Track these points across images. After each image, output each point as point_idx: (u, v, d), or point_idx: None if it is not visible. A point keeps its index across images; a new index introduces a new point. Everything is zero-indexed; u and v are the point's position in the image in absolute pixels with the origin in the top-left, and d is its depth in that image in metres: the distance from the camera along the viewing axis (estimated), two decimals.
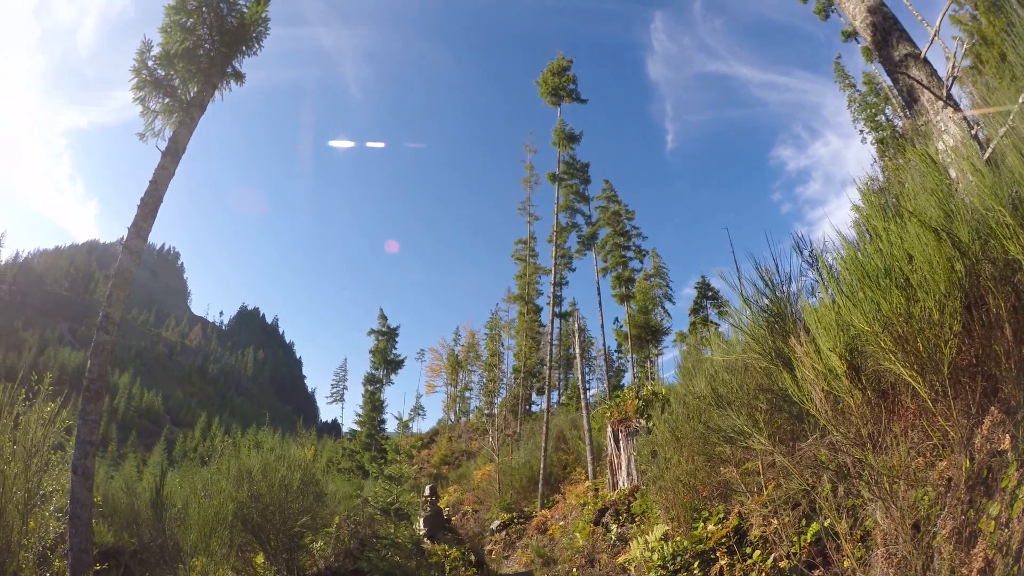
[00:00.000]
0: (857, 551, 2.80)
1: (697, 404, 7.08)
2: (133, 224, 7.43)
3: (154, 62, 8.18)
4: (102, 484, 9.12)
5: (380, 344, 33.82)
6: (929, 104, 4.75)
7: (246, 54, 8.78)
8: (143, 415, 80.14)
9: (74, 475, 6.22)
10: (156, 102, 8.31)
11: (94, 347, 6.83)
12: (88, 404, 6.47)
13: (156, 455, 32.07)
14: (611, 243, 28.47)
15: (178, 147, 7.98)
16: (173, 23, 8.14)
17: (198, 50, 8.32)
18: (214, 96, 8.62)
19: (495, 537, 14.88)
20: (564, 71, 25.34)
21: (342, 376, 77.49)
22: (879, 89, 25.76)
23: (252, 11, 8.49)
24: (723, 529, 5.31)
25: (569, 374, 43.61)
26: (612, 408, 12.65)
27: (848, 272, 4.14)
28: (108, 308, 7.02)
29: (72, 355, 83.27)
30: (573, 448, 20.56)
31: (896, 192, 3.55)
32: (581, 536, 10.22)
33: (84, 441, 6.36)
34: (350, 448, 30.85)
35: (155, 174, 7.73)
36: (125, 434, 60.70)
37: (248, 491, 8.69)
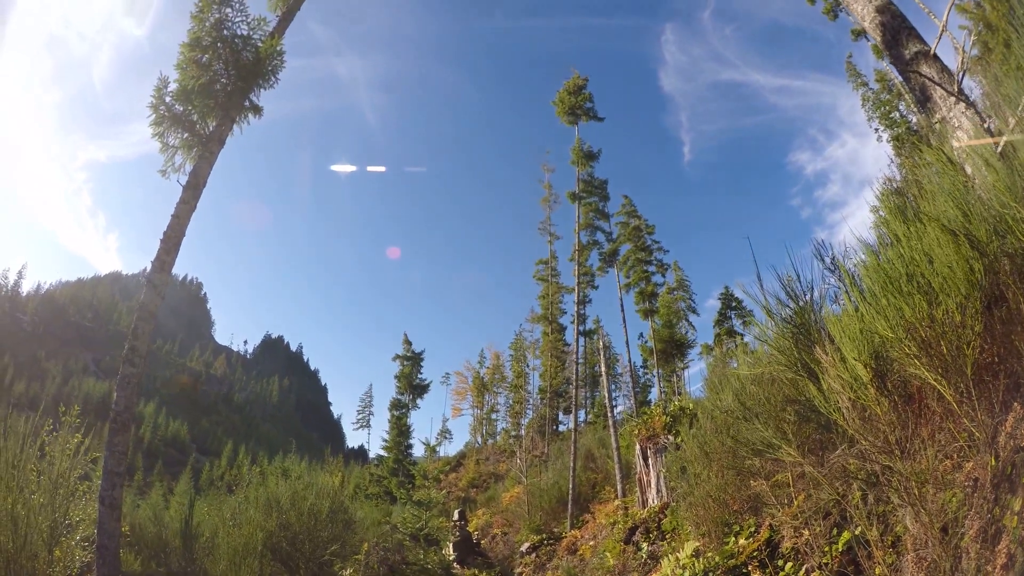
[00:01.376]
0: (888, 557, 2.76)
1: (725, 418, 7.01)
2: (156, 258, 7.53)
3: (171, 98, 8.30)
4: (129, 513, 9.16)
5: (405, 369, 33.93)
6: (942, 100, 4.73)
7: (263, 87, 8.85)
8: (169, 444, 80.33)
9: (101, 505, 6.24)
10: (175, 137, 8.42)
11: (121, 379, 6.88)
12: (115, 436, 6.51)
13: (182, 484, 32.27)
14: (633, 259, 28.39)
15: (198, 181, 8.08)
16: (188, 59, 8.26)
17: (215, 85, 8.41)
18: (232, 129, 8.71)
19: (525, 560, 14.75)
20: (580, 89, 25.52)
21: (368, 402, 77.75)
22: (891, 85, 25.52)
23: (267, 45, 8.58)
24: (754, 543, 5.24)
25: (595, 392, 43.31)
26: (640, 425, 12.55)
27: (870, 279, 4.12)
28: (134, 341, 7.09)
29: (96, 385, 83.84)
30: (601, 467, 20.38)
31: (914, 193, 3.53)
32: (611, 555, 10.11)
33: (111, 472, 6.39)
34: (377, 474, 30.86)
35: (177, 208, 7.82)
36: (151, 463, 60.83)
37: (277, 520, 8.69)
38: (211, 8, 8.34)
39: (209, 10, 8.34)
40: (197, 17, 8.33)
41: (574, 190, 25.22)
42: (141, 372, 7.11)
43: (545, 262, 35.72)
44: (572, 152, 25.61)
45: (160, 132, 8.33)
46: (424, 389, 34.35)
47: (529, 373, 47.23)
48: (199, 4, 8.35)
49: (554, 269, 35.78)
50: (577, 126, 25.61)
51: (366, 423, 75.57)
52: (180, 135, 8.41)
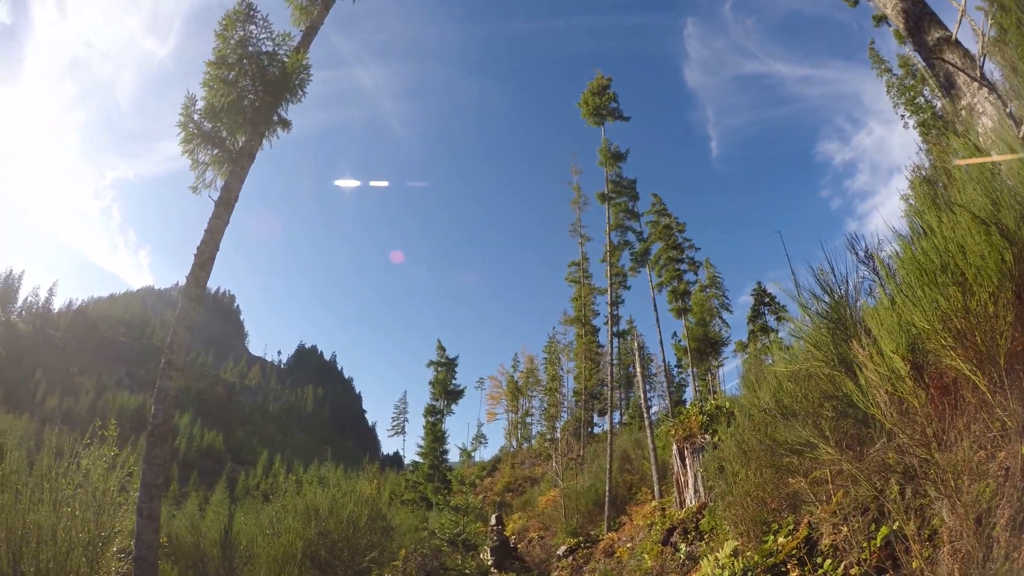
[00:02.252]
0: (925, 551, 2.72)
1: (763, 416, 6.95)
2: (191, 273, 7.59)
3: (200, 115, 8.36)
4: (165, 523, 9.19)
5: (439, 375, 34.16)
6: (965, 86, 4.65)
7: (291, 101, 8.87)
8: (204, 455, 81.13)
9: (139, 517, 6.21)
10: (205, 154, 8.47)
11: (157, 393, 6.93)
12: (153, 448, 6.52)
13: (218, 493, 32.76)
14: (664, 257, 28.19)
15: (230, 196, 8.12)
16: (215, 77, 8.31)
17: (242, 101, 8.45)
18: (262, 144, 8.76)
19: (562, 563, 14.72)
20: (604, 90, 25.44)
21: (402, 408, 78.40)
22: (915, 70, 24.90)
23: (292, 60, 8.63)
24: (793, 541, 5.18)
25: (630, 393, 43.07)
26: (676, 425, 12.46)
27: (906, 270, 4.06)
28: (170, 355, 7.11)
29: (131, 398, 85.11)
30: (638, 468, 20.26)
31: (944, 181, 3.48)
32: (649, 557, 10.04)
33: (149, 484, 6.38)
34: (413, 480, 31.11)
35: (209, 224, 7.87)
36: (187, 473, 61.27)
37: (316, 528, 8.74)
38: (235, 26, 8.39)
39: (233, 28, 8.39)
40: (221, 35, 8.39)
41: (603, 191, 25.13)
42: (178, 385, 7.15)
43: (577, 264, 35.70)
44: (599, 153, 25.52)
45: (190, 149, 8.42)
46: (459, 394, 34.55)
47: (563, 376, 47.18)
48: (223, 22, 8.41)
49: (586, 271, 35.75)
50: (603, 127, 25.52)
51: (401, 430, 76.24)
52: (210, 152, 8.49)
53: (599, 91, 25.45)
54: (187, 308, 7.46)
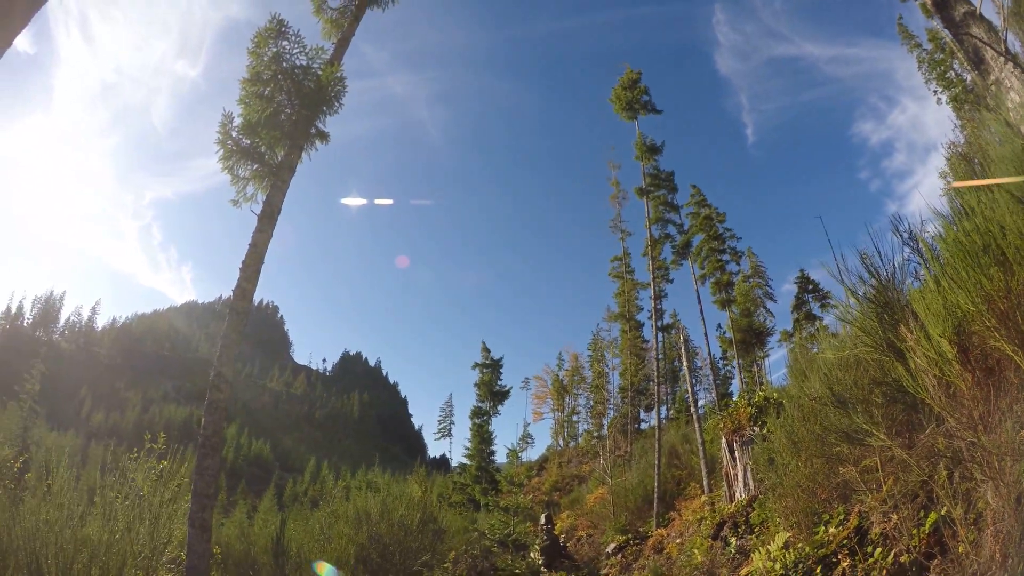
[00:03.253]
0: (970, 534, 2.67)
1: (812, 405, 6.85)
2: (237, 286, 7.66)
3: (237, 132, 8.45)
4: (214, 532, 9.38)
5: (485, 377, 34.49)
6: (993, 61, 4.51)
7: (327, 113, 8.91)
8: (252, 463, 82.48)
9: (191, 528, 6.24)
10: (245, 169, 8.57)
11: (208, 405, 7.01)
12: (204, 459, 6.57)
13: (266, 501, 33.46)
14: (706, 249, 27.85)
15: (273, 209, 8.19)
16: (250, 94, 8.40)
17: (279, 116, 8.53)
18: (301, 157, 8.82)
19: (611, 560, 14.67)
20: (635, 84, 25.26)
21: (448, 411, 78.91)
22: (943, 44, 24.01)
23: (327, 72, 8.70)
24: (844, 531, 5.10)
25: (675, 387, 42.64)
26: (725, 418, 12.32)
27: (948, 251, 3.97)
28: (219, 367, 7.17)
29: (177, 411, 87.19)
30: (686, 463, 20.05)
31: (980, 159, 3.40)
32: (699, 552, 9.96)
33: (201, 495, 6.43)
34: (460, 482, 31.42)
35: (254, 237, 7.93)
36: (235, 482, 61.32)
37: (367, 533, 8.84)
38: (267, 43, 8.48)
39: (266, 45, 8.48)
40: (254, 52, 8.49)
41: (641, 185, 24.97)
42: (227, 396, 7.22)
43: (619, 259, 35.52)
44: (635, 147, 25.37)
45: (229, 165, 8.53)
46: (504, 395, 34.83)
47: (609, 372, 47.09)
48: (255, 40, 8.51)
49: (628, 266, 35.55)
50: (636, 121, 25.33)
51: (447, 432, 76.78)
52: (250, 167, 8.59)
53: (630, 85, 25.28)
54: (234, 321, 7.53)
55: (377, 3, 10.53)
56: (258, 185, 8.63)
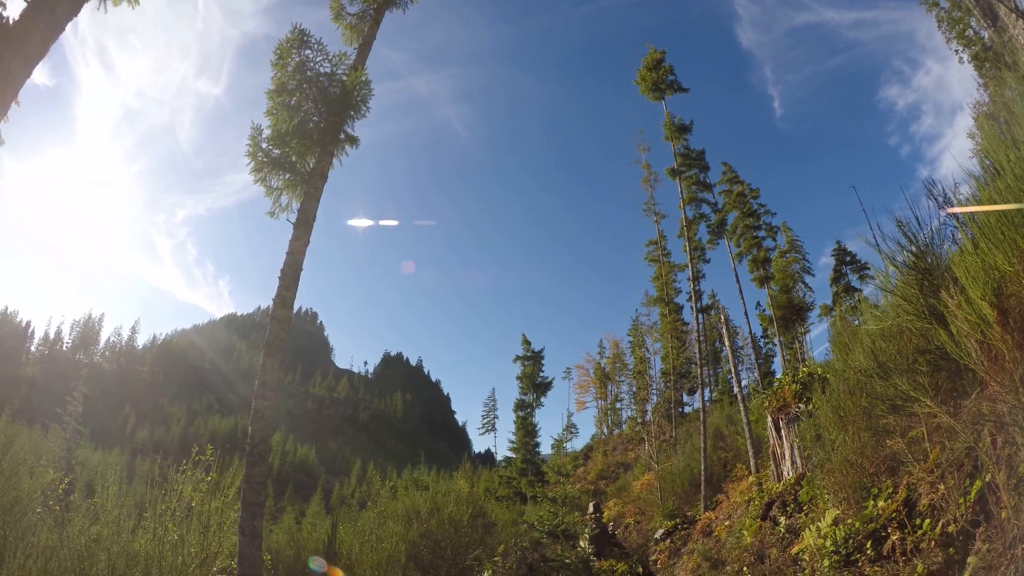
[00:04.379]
0: (1012, 500, 2.58)
1: (857, 377, 6.72)
2: (277, 295, 7.70)
3: (267, 143, 8.51)
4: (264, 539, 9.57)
5: (527, 369, 34.55)
6: (1007, 18, 4.34)
7: (355, 118, 8.91)
8: (298, 469, 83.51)
9: (242, 536, 6.27)
10: (277, 179, 8.63)
11: (254, 414, 7.04)
12: (252, 467, 6.61)
13: (314, 506, 33.91)
14: (741, 226, 27.35)
15: (308, 217, 8.22)
16: (277, 105, 8.46)
17: (307, 124, 8.57)
18: (332, 163, 8.84)
19: (660, 546, 14.57)
20: (659, 64, 24.91)
21: (491, 406, 78.79)
22: (960, 1, 23.06)
23: (351, 78, 8.71)
24: (893, 504, 4.98)
25: (718, 369, 42.13)
26: (770, 396, 12.12)
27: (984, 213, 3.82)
28: (264, 376, 7.23)
29: (222, 422, 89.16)
30: (731, 444, 19.81)
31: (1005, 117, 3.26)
32: (748, 533, 9.82)
33: (250, 503, 6.46)
34: (506, 475, 31.56)
35: (291, 245, 7.98)
36: (282, 489, 62.18)
37: (418, 530, 8.87)
38: (290, 53, 8.54)
39: (288, 55, 8.54)
40: (278, 64, 8.55)
41: (673, 166, 24.68)
42: (273, 404, 7.25)
43: (654, 242, 35.19)
44: (664, 128, 25.04)
45: (262, 177, 8.60)
46: (547, 387, 34.84)
47: (650, 357, 46.73)
48: (277, 52, 8.56)
49: (664, 248, 35.19)
50: (664, 101, 25.00)
51: (491, 427, 76.74)
52: (282, 176, 8.65)
53: (654, 65, 24.95)
54: (276, 330, 7.57)
55: (396, 4, 10.49)
56: (291, 194, 8.71)
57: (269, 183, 8.67)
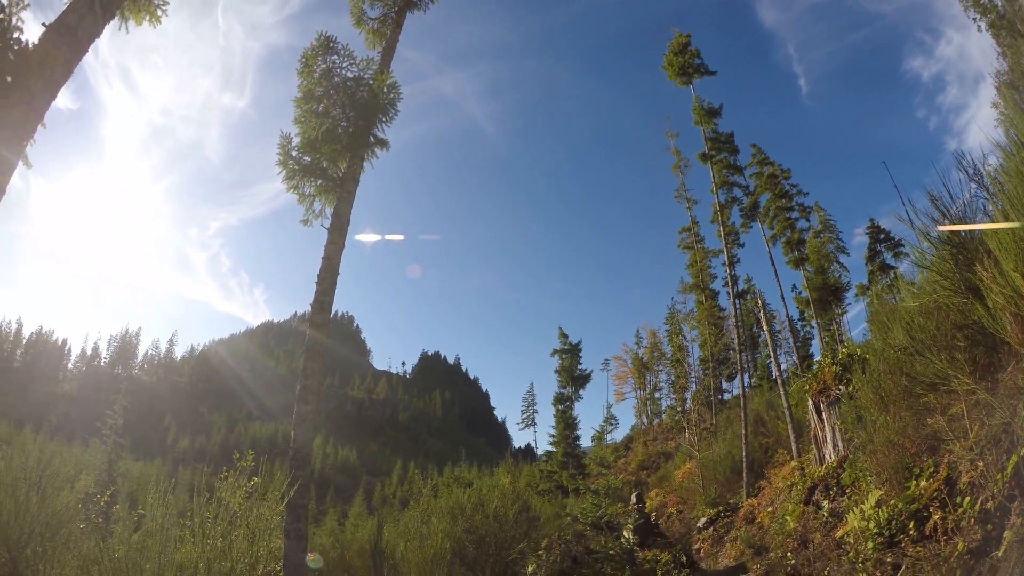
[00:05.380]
0: None
1: (897, 356, 6.61)
2: (315, 300, 7.78)
3: (297, 151, 8.58)
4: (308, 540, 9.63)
5: (564, 362, 34.60)
6: None
7: (384, 121, 8.90)
8: (339, 471, 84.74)
9: (287, 539, 6.34)
10: (309, 186, 8.70)
11: (296, 417, 7.10)
12: (296, 471, 6.67)
13: (356, 507, 34.30)
14: (773, 208, 26.86)
15: (342, 221, 8.25)
16: (306, 112, 8.50)
17: (337, 129, 8.59)
18: (363, 167, 8.85)
19: (702, 535, 14.48)
20: (685, 48, 24.64)
21: (530, 401, 78.65)
22: None
23: (378, 81, 8.71)
24: (934, 483, 4.90)
25: (756, 354, 41.48)
26: (810, 379, 11.94)
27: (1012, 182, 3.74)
28: (305, 380, 7.31)
29: (262, 428, 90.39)
30: (772, 430, 19.51)
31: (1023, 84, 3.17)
32: (791, 519, 9.70)
33: (295, 506, 6.52)
34: (547, 469, 31.63)
35: (326, 250, 8.03)
36: (323, 491, 62.63)
37: (463, 526, 8.85)
38: (316, 60, 8.58)
39: (315, 62, 8.58)
40: (304, 72, 8.59)
41: (703, 151, 24.42)
42: (315, 408, 7.30)
43: (687, 229, 34.81)
44: (693, 112, 24.75)
45: (294, 184, 8.67)
46: (585, 379, 34.83)
47: (688, 345, 46.25)
48: (303, 60, 8.61)
49: (697, 235, 34.81)
50: (692, 85, 24.70)
51: (531, 422, 76.62)
52: (314, 183, 8.70)
53: (680, 50, 24.68)
54: (315, 334, 7.64)
55: (416, 6, 10.45)
56: (324, 199, 8.78)
57: (301, 190, 8.75)
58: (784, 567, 8.29)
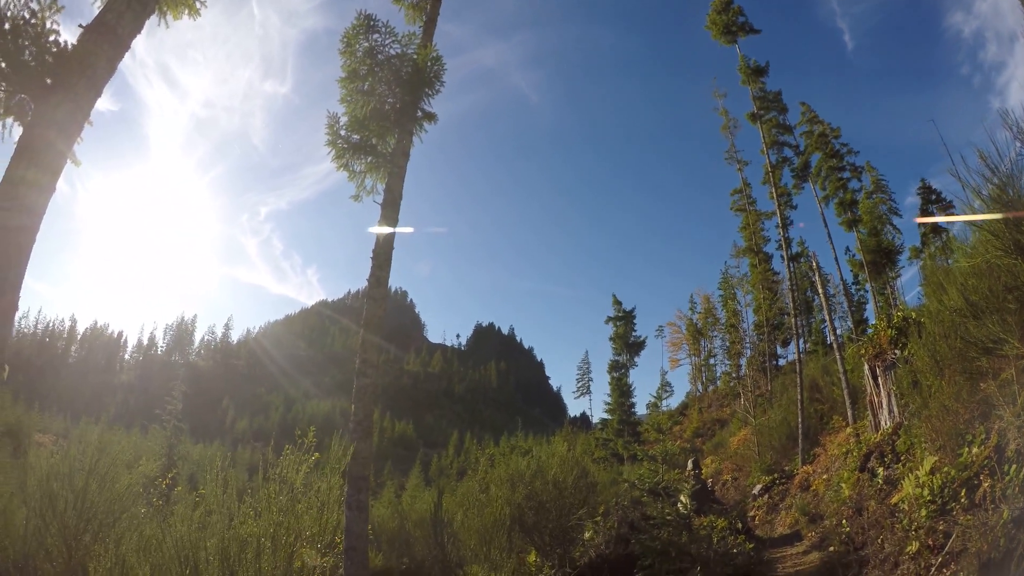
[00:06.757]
0: None
1: (952, 318, 6.45)
2: (371, 275, 7.86)
3: (345, 130, 8.63)
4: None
5: (619, 329, 34.44)
6: None
7: (431, 95, 8.87)
8: (396, 444, 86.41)
9: (348, 511, 6.43)
10: (359, 164, 8.74)
11: (356, 391, 7.23)
12: (358, 444, 6.80)
13: (413, 478, 34.97)
14: (825, 168, 25.98)
15: (394, 197, 8.31)
16: (351, 91, 8.54)
17: (383, 106, 8.63)
18: (413, 141, 8.85)
19: (758, 502, 14.38)
20: (728, 5, 23.97)
21: (585, 369, 78.66)
22: None
23: (421, 55, 8.69)
24: (985, 450, 4.79)
25: (810, 319, 40.45)
26: (865, 343, 11.64)
27: None
28: (364, 354, 7.41)
29: (320, 405, 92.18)
30: (828, 395, 19.08)
31: None
32: (846, 486, 9.54)
33: (356, 477, 6.63)
34: (602, 437, 31.77)
35: (380, 226, 8.09)
36: (381, 464, 62.80)
37: (522, 492, 8.95)
38: (358, 39, 8.58)
39: (356, 42, 8.58)
40: (347, 52, 8.60)
41: (751, 110, 23.85)
42: (375, 382, 7.42)
43: (739, 191, 33.96)
44: (739, 71, 24.20)
45: (344, 163, 8.73)
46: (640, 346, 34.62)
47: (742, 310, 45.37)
48: (344, 40, 8.61)
49: (749, 196, 33.91)
50: (736, 44, 24.03)
51: (585, 390, 76.71)
52: (363, 160, 8.75)
53: (723, 8, 24.03)
54: (373, 308, 7.75)
55: None
56: (375, 176, 8.84)
57: (352, 168, 8.81)
58: (839, 535, 8.20)
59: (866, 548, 6.89)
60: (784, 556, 9.46)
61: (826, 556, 7.81)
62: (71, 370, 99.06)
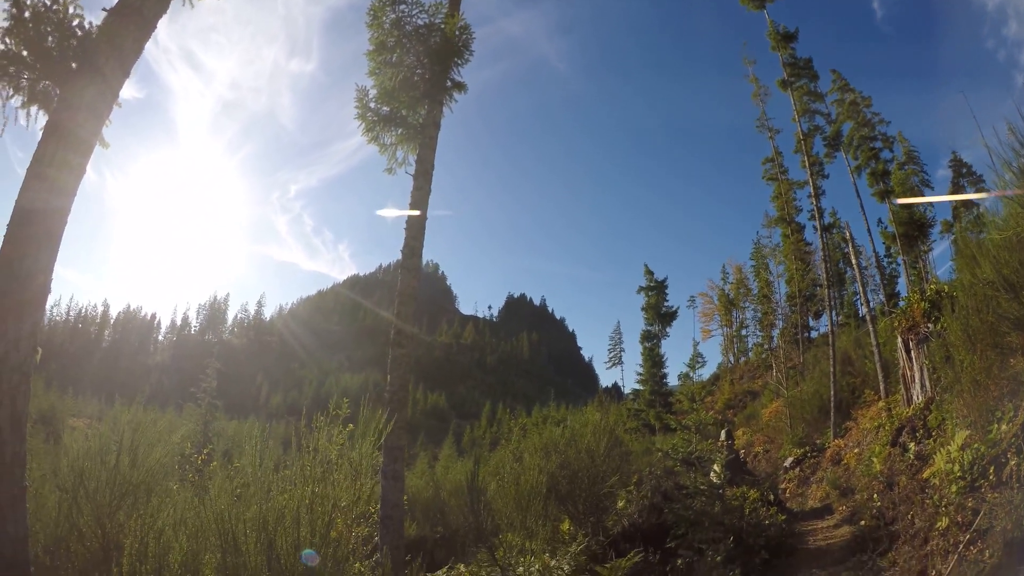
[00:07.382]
0: None
1: (984, 291, 6.39)
2: (405, 245, 7.98)
3: (375, 103, 8.73)
4: None
5: (651, 299, 34.34)
6: None
7: (459, 64, 8.87)
8: (429, 415, 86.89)
9: (384, 480, 6.64)
10: (389, 136, 8.87)
11: (392, 361, 7.38)
12: (394, 413, 6.84)
13: (446, 449, 35.35)
14: (857, 137, 25.39)
15: (426, 167, 8.35)
16: (379, 64, 8.61)
17: (412, 77, 8.66)
18: (443, 112, 8.87)
19: (789, 475, 14.38)
20: None
21: (617, 340, 77.96)
22: None
23: (449, 25, 8.66)
24: (1013, 427, 4.78)
25: (842, 291, 39.77)
26: (899, 316, 11.51)
27: None
28: (399, 324, 7.57)
29: (352, 379, 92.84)
30: (860, 368, 18.86)
31: None
32: (877, 461, 9.52)
33: (391, 447, 6.78)
34: (634, 408, 31.84)
35: (412, 196, 8.19)
36: (414, 436, 61.13)
37: (556, 461, 9.00)
38: (384, 11, 8.60)
39: (383, 13, 8.61)
40: (374, 24, 8.62)
41: (782, 77, 23.39)
42: (409, 352, 7.54)
43: (770, 160, 33.28)
44: (768, 37, 23.67)
45: (374, 136, 8.85)
46: (672, 316, 34.52)
47: (774, 281, 44.79)
48: (370, 12, 8.62)
49: (781, 165, 33.20)
50: (765, 9, 23.46)
51: (617, 361, 76.14)
52: (394, 132, 8.87)
53: None
54: (407, 279, 7.90)
55: None
56: (406, 148, 8.96)
57: (382, 140, 8.93)
58: (869, 509, 8.22)
59: (897, 523, 6.92)
60: (815, 529, 9.52)
61: (856, 530, 7.84)
62: (104, 354, 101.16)
